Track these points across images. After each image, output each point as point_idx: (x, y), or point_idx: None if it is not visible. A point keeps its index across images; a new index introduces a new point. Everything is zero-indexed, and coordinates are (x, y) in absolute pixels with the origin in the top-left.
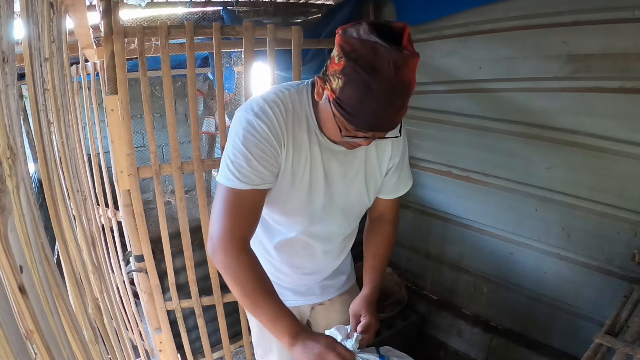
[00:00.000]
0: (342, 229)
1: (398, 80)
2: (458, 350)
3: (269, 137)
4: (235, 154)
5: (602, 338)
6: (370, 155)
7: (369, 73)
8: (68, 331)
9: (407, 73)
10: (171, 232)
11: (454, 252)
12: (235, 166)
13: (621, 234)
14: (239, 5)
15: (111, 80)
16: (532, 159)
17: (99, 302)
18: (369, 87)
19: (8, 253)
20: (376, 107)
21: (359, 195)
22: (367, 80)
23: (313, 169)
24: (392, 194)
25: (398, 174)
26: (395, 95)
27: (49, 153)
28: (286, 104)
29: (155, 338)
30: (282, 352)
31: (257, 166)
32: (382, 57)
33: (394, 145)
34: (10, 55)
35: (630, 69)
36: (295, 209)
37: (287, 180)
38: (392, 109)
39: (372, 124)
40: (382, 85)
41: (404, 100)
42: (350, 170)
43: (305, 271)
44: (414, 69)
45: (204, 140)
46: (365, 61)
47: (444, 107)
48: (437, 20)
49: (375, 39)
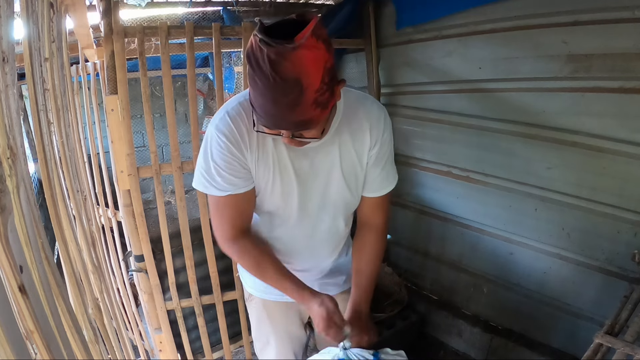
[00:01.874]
0: (326, 225)
1: (276, 75)
2: (458, 350)
3: (230, 148)
4: (207, 166)
5: (602, 338)
6: (345, 148)
7: (254, 69)
8: (68, 331)
9: (287, 67)
10: (171, 232)
11: (454, 252)
12: (210, 176)
13: (621, 234)
14: (239, 5)
15: (111, 80)
16: (532, 159)
17: (99, 302)
18: (255, 82)
19: (8, 253)
20: (264, 103)
21: (337, 190)
22: (253, 75)
23: (283, 169)
24: (377, 190)
25: (381, 166)
26: (277, 91)
27: (49, 153)
28: (248, 110)
29: (155, 338)
30: (279, 345)
31: (226, 176)
32: (261, 52)
33: (373, 135)
34: (10, 55)
35: (630, 69)
36: (274, 209)
37: (261, 182)
38: (279, 106)
39: (270, 121)
40: (263, 81)
41: (292, 98)
42: (324, 166)
43: (297, 267)
44: (303, 64)
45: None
46: (252, 57)
47: (444, 107)
48: (437, 20)
49: (258, 35)
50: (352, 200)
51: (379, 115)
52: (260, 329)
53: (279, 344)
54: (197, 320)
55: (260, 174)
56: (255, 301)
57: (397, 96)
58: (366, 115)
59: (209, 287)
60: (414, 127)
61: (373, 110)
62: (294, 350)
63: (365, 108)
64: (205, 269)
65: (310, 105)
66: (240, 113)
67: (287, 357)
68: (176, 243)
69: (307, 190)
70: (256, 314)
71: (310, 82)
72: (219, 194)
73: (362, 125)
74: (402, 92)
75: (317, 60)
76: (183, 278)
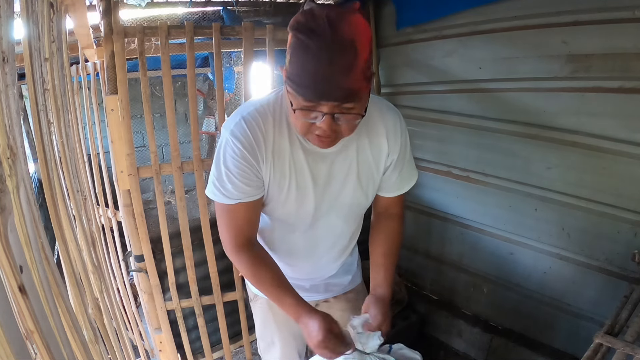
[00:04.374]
0: (340, 230)
1: (336, 36)
2: (458, 350)
3: (245, 155)
4: (219, 173)
5: (602, 338)
6: (363, 152)
7: (307, 35)
8: (68, 331)
9: (345, 28)
10: (171, 232)
11: (454, 252)
12: (220, 183)
13: (621, 234)
14: (239, 5)
15: (111, 80)
16: (532, 158)
17: (99, 302)
18: (307, 48)
19: (8, 253)
20: (317, 67)
21: (353, 195)
22: (306, 41)
23: (299, 174)
24: (395, 191)
25: (399, 170)
26: (335, 52)
27: (49, 153)
28: (265, 116)
29: (155, 338)
30: (284, 345)
31: (238, 183)
32: (317, 17)
33: (390, 141)
34: (10, 55)
35: (630, 69)
36: (289, 213)
37: (275, 189)
38: (335, 69)
39: (318, 89)
40: (318, 43)
41: (348, 60)
42: (341, 171)
43: (306, 270)
44: (358, 28)
45: (204, 140)
46: (303, 26)
47: (444, 107)
48: (437, 20)
49: (312, 4)
50: (366, 204)
51: (395, 120)
52: (265, 329)
53: (284, 344)
54: (197, 321)
55: (276, 181)
56: (261, 302)
57: (397, 96)
58: (382, 119)
59: (209, 287)
60: (414, 127)
61: (389, 115)
62: (298, 350)
63: (381, 112)
64: (205, 269)
65: (360, 74)
66: (256, 118)
67: (291, 357)
68: (176, 243)
69: (323, 194)
70: (261, 314)
71: (362, 49)
72: (227, 201)
73: (378, 130)
74: (402, 92)
75: (367, 30)
76: (183, 278)
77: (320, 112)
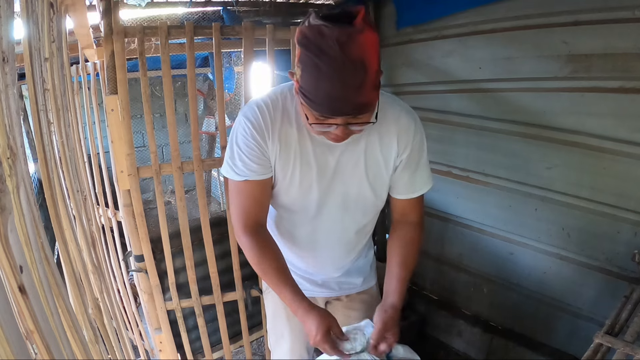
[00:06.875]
0: (346, 224)
1: (346, 57)
2: (458, 350)
3: (254, 134)
4: (231, 151)
5: (602, 338)
6: (372, 148)
7: (317, 55)
8: (68, 331)
9: (354, 49)
10: (171, 232)
11: (454, 252)
12: (232, 160)
13: (621, 234)
14: (239, 5)
15: (111, 80)
16: (532, 159)
17: (99, 302)
18: (319, 69)
19: (8, 253)
20: (330, 88)
21: (359, 188)
22: (317, 62)
23: (304, 163)
24: (407, 193)
25: (410, 171)
26: (346, 73)
27: (49, 153)
28: (276, 103)
29: (155, 338)
30: (293, 339)
31: (247, 161)
32: (326, 37)
33: (400, 140)
34: (10, 55)
35: (630, 69)
36: (293, 202)
37: (279, 173)
38: (347, 88)
39: (332, 107)
40: (330, 64)
41: (359, 79)
42: (348, 163)
43: (312, 263)
44: (366, 46)
45: (204, 140)
46: (312, 44)
47: (444, 107)
48: (437, 20)
49: (320, 22)
50: (375, 202)
51: (408, 122)
52: (275, 323)
53: (293, 338)
54: (197, 321)
55: (280, 165)
56: (272, 294)
57: (397, 96)
58: (395, 120)
59: (209, 287)
60: None
61: (402, 116)
62: (307, 345)
63: (394, 113)
64: (205, 269)
65: (371, 87)
66: (268, 104)
67: (300, 351)
68: (176, 243)
69: (327, 186)
70: (272, 306)
71: (371, 63)
72: (237, 178)
73: (389, 129)
74: (402, 92)
75: (374, 42)
76: (183, 278)
77: (334, 123)
